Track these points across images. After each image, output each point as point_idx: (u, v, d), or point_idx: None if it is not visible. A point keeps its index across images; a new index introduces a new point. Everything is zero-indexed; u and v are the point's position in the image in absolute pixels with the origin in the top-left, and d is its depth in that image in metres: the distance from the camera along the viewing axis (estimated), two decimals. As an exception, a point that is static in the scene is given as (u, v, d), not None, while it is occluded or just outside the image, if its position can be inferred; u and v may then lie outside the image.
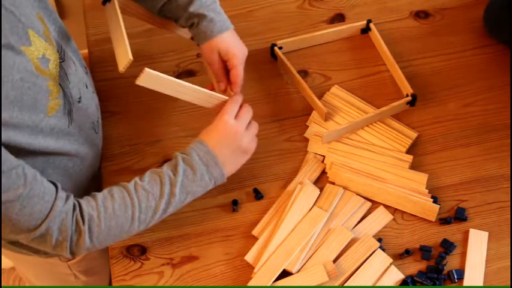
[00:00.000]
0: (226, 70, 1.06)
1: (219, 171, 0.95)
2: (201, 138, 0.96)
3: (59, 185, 0.87)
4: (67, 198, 0.87)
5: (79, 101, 0.94)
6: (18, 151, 0.82)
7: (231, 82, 1.05)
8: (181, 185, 0.92)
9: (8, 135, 0.79)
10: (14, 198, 0.79)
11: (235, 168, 0.99)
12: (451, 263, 0.99)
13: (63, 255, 0.89)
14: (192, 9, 1.02)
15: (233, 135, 0.97)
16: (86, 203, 0.89)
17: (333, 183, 1.05)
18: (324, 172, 1.07)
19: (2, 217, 0.80)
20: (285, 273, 0.96)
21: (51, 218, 0.84)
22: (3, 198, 0.78)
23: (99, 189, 1.07)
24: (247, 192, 1.06)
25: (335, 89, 1.16)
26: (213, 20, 1.02)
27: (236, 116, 0.99)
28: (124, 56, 0.96)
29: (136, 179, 0.93)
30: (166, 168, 0.93)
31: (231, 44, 1.04)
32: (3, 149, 0.77)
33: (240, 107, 1.01)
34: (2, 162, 0.76)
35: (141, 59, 1.20)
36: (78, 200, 0.90)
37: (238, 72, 1.03)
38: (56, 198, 0.85)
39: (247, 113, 1.01)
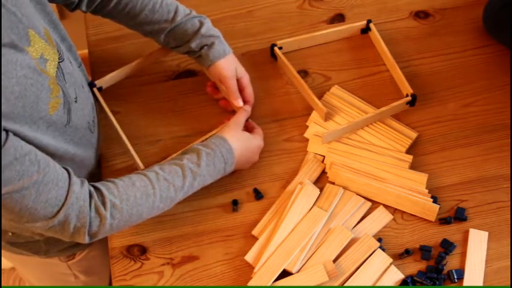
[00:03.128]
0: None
1: (231, 169, 1.02)
2: (226, 138, 1.01)
3: (71, 170, 0.88)
4: (82, 183, 0.88)
5: (75, 101, 0.95)
6: None
7: (245, 100, 1.11)
8: (201, 179, 0.97)
9: (13, 129, 0.79)
10: (29, 185, 0.79)
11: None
12: (451, 263, 0.99)
13: (80, 241, 0.90)
14: (204, 31, 1.07)
15: (256, 154, 1.06)
16: (107, 189, 0.90)
17: (333, 183, 1.05)
18: (324, 172, 1.07)
19: (19, 206, 0.80)
20: (285, 273, 0.96)
21: (69, 205, 0.85)
22: (19, 186, 0.78)
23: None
24: (247, 192, 1.06)
25: (335, 89, 1.16)
26: (222, 39, 1.09)
27: (255, 132, 1.08)
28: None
29: (156, 168, 0.96)
30: (187, 161, 0.96)
31: (238, 63, 1.11)
32: (14, 137, 0.77)
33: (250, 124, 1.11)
34: (14, 149, 0.76)
35: (141, 59, 1.20)
36: (96, 185, 0.91)
37: (251, 90, 1.11)
38: (70, 184, 0.85)
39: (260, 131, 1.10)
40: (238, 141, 1.02)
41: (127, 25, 1.10)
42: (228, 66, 1.08)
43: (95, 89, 1.12)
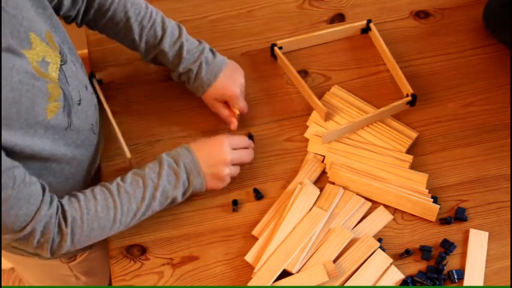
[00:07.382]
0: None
1: (200, 181, 0.98)
2: (190, 147, 0.99)
3: (47, 187, 0.88)
4: (51, 201, 0.88)
5: (79, 104, 0.94)
6: (14, 155, 0.81)
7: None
8: (162, 189, 0.95)
9: (4, 137, 0.79)
10: (2, 200, 0.79)
11: (207, 186, 1.01)
12: (451, 263, 0.99)
13: (43, 256, 0.91)
14: (182, 68, 1.07)
15: (220, 161, 1.00)
16: (69, 204, 0.90)
17: (333, 183, 1.05)
18: (324, 172, 1.07)
19: None
20: (285, 273, 0.96)
21: (36, 221, 0.85)
22: None
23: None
24: (247, 192, 1.06)
25: (335, 89, 1.16)
26: (199, 74, 1.07)
27: (234, 149, 1.02)
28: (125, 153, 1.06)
29: (118, 180, 0.95)
30: (149, 171, 0.95)
31: (225, 86, 1.08)
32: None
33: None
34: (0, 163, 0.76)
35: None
36: (60, 201, 0.90)
37: (242, 107, 1.09)
38: (42, 202, 0.85)
39: (246, 154, 1.05)
40: (198, 144, 1.00)
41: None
42: (209, 102, 1.10)
43: (94, 81, 1.11)
